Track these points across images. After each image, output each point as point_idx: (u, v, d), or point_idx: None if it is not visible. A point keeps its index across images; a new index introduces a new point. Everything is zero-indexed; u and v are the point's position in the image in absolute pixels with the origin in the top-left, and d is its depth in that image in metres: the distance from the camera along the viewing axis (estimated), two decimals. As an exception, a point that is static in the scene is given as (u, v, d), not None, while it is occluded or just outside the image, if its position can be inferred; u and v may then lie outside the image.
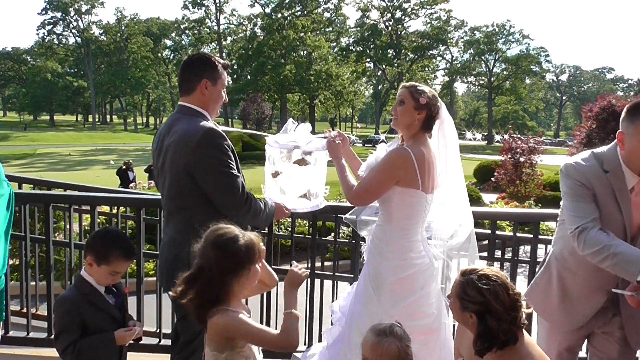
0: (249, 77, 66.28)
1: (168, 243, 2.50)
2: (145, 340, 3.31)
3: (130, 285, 3.30)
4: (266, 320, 3.38)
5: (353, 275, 3.24)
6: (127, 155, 33.81)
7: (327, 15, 70.27)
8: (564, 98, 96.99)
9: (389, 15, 68.47)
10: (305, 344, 3.40)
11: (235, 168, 2.41)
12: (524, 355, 1.88)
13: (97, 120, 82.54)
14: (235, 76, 68.32)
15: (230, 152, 2.40)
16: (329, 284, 3.56)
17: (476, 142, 61.10)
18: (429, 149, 2.53)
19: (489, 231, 3.35)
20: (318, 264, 3.52)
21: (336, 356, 2.63)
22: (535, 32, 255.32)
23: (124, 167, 16.14)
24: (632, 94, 74.74)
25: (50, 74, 73.70)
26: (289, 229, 7.02)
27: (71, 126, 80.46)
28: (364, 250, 2.74)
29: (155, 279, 3.56)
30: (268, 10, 67.72)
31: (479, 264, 1.97)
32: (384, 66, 68.16)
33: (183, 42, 79.01)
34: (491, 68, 70.70)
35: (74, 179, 17.53)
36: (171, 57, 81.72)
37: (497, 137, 52.16)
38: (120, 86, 73.48)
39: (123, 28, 77.42)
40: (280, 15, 66.30)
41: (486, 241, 3.45)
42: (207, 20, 72.23)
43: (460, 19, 79.72)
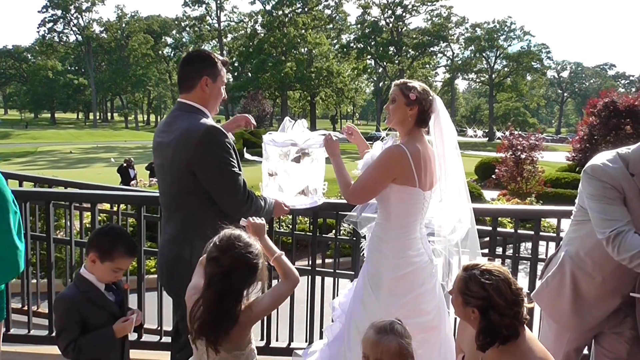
0: (250, 75, 66.20)
1: (168, 241, 2.49)
2: (146, 337, 3.32)
3: (131, 283, 3.29)
4: (267, 318, 3.37)
5: (354, 273, 3.23)
6: (128, 152, 33.86)
7: (328, 12, 70.17)
8: (565, 95, 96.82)
9: (390, 12, 68.20)
10: (306, 341, 3.40)
11: (236, 166, 2.40)
12: (526, 350, 1.87)
13: (98, 118, 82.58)
14: (236, 74, 68.34)
15: (231, 150, 2.39)
16: (330, 281, 3.57)
17: (477, 139, 61.02)
18: (425, 145, 2.52)
19: (490, 228, 3.36)
20: (319, 261, 3.52)
21: (336, 353, 2.63)
22: (537, 29, 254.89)
23: (125, 165, 16.18)
24: (634, 90, 74.49)
25: (51, 72, 73.78)
26: (290, 226, 7.08)
27: (72, 124, 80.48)
28: (364, 248, 2.74)
29: (156, 276, 3.57)
30: (269, 8, 67.58)
31: (481, 260, 1.96)
32: (384, 63, 67.93)
33: (184, 40, 78.92)
34: (492, 65, 70.51)
35: (75, 176, 17.59)
36: (172, 55, 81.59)
37: (498, 134, 52.07)
38: (121, 84, 73.52)
39: (124, 25, 77.45)
40: (280, 12, 66.19)
41: (487, 238, 3.44)
42: (208, 18, 72.25)
43: (461, 15, 79.78)
